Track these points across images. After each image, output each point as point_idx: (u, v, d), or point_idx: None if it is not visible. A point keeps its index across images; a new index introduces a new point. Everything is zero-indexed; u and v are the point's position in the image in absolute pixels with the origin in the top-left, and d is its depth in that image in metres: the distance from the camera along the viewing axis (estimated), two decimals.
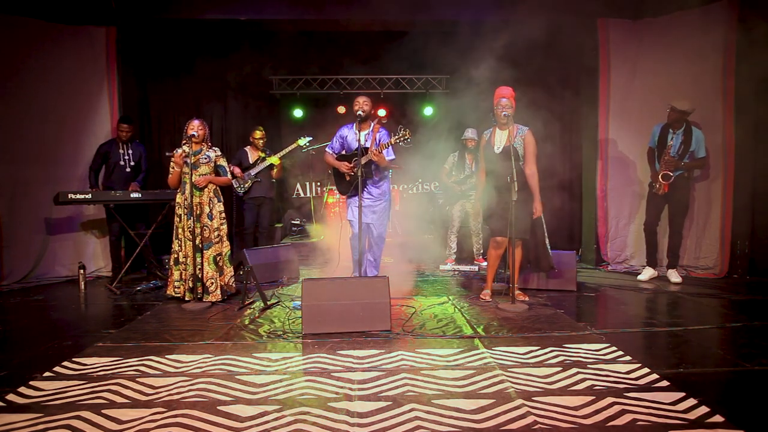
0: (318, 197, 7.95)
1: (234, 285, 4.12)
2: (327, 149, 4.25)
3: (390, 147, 3.98)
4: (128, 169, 5.01)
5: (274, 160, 5.33)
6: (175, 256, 3.96)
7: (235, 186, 5.27)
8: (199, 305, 3.78)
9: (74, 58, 5.18)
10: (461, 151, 5.54)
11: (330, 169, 4.35)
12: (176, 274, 3.96)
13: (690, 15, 5.01)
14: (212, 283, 3.90)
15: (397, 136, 3.84)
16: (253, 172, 5.32)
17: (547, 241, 3.89)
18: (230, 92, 6.87)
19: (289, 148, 5.41)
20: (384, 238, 4.25)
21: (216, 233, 3.96)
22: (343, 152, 4.16)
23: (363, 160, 3.84)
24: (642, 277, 4.80)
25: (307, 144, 5.59)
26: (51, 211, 5.01)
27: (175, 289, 3.96)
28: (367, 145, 3.98)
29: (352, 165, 4.02)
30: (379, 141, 4.03)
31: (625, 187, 5.45)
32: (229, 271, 4.06)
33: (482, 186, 3.99)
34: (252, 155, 5.41)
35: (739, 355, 2.61)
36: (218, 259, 3.96)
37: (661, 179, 4.60)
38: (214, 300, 3.89)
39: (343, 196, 4.30)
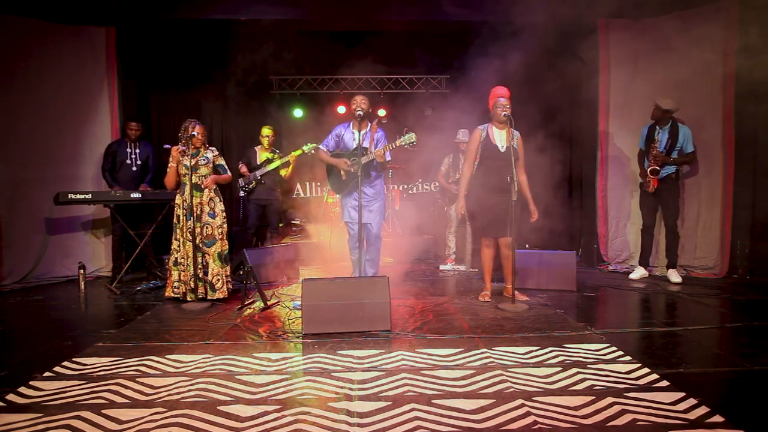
0: (318, 197, 7.95)
1: (231, 284, 4.11)
2: (321, 146, 4.21)
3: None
4: (134, 169, 5.03)
5: (277, 163, 5.33)
6: (175, 257, 3.96)
7: (240, 184, 5.27)
8: (199, 305, 3.77)
9: (74, 59, 5.18)
10: (455, 153, 5.56)
11: (325, 166, 4.33)
12: (175, 275, 3.96)
13: (690, 15, 5.01)
14: (218, 280, 3.90)
15: (402, 140, 3.81)
16: (258, 173, 5.32)
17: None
18: (230, 92, 6.87)
19: (294, 155, 5.41)
20: (380, 237, 4.25)
21: (219, 230, 3.97)
22: (338, 151, 4.15)
23: (363, 160, 3.83)
24: (633, 275, 4.89)
25: (312, 150, 5.61)
26: (51, 211, 5.01)
27: (174, 290, 3.96)
28: (365, 144, 3.97)
29: (351, 163, 4.02)
30: (377, 141, 4.02)
31: (625, 186, 5.46)
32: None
33: (467, 180, 3.88)
34: (260, 155, 5.41)
35: (739, 355, 2.61)
36: (221, 255, 3.97)
37: (649, 174, 4.71)
38: (222, 296, 3.89)
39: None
